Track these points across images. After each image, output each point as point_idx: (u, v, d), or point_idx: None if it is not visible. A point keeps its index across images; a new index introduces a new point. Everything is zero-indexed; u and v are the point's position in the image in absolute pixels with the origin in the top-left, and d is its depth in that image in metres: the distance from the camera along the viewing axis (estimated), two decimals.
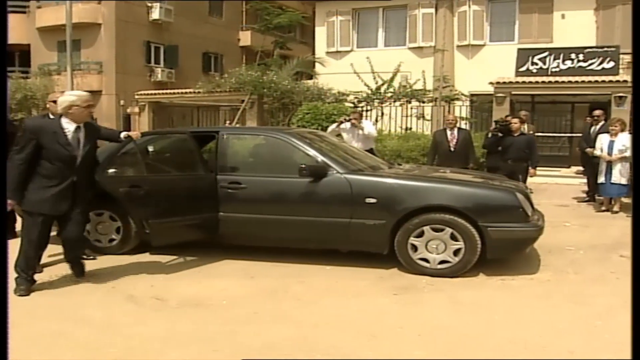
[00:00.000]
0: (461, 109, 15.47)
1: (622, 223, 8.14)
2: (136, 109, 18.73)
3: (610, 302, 4.55)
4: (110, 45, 23.82)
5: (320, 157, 5.57)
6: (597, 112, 10.21)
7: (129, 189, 5.14)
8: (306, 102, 14.14)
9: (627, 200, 9.13)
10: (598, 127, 9.79)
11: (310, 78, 19.65)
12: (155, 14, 25.25)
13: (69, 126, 4.64)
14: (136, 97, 18.80)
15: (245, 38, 29.90)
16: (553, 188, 11.80)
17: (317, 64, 20.39)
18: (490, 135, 9.82)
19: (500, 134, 9.22)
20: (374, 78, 15.67)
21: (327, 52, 20.80)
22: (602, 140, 8.92)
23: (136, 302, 4.55)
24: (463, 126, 14.58)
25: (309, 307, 4.44)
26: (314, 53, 21.40)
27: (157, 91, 19.74)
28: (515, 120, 9.38)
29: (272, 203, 5.58)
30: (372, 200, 5.25)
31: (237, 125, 13.97)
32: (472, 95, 16.55)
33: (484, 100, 15.76)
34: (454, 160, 8.74)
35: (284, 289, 4.90)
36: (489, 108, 15.07)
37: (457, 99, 15.61)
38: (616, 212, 8.88)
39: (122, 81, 23.75)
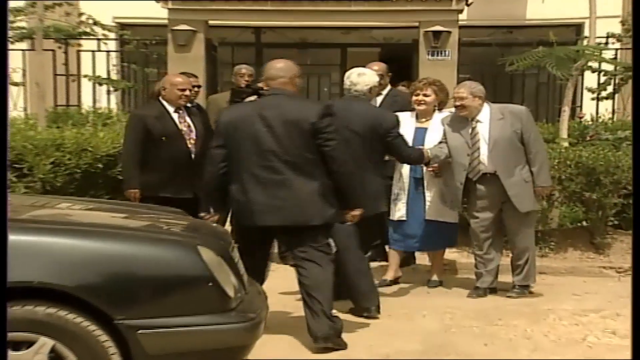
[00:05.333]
0: (95, 57, 14.33)
1: None
2: None
3: None
4: None
5: None
6: (375, 67, 8.90)
7: None
8: None
9: None
10: (380, 99, 8.78)
11: None
12: None
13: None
14: None
15: None
16: None
17: None
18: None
19: None
20: None
21: None
22: (405, 128, 7.77)
23: None
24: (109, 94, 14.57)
25: None
26: None
27: None
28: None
29: None
30: None
31: None
32: (121, 26, 16.11)
33: (147, 36, 15.23)
34: (196, 176, 7.62)
35: None
36: (158, 56, 14.47)
37: (87, 35, 14.33)
38: None
39: None
